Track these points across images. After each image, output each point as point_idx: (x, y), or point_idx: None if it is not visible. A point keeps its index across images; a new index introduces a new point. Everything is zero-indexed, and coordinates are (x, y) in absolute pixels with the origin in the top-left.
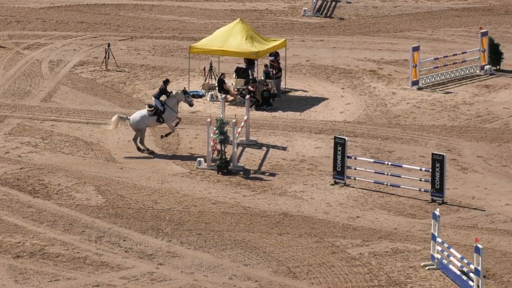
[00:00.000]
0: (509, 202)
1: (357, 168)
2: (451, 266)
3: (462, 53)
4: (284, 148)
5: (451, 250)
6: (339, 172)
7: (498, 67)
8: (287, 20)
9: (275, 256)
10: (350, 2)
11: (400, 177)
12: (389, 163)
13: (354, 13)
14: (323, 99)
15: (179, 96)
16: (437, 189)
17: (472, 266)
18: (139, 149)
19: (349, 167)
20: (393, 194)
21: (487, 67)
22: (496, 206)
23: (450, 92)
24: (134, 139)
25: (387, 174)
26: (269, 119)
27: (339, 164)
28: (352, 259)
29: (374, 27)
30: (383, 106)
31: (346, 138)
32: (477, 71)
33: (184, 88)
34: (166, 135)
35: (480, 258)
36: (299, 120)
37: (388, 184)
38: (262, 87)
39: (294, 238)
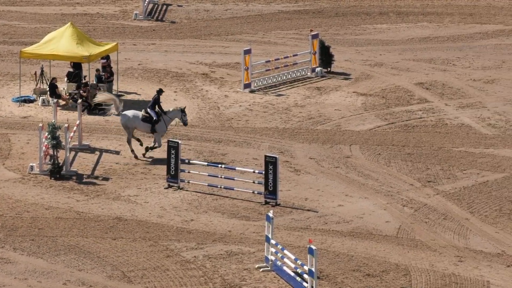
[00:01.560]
0: (342, 203)
1: (190, 171)
2: (285, 268)
3: (293, 55)
4: (117, 152)
5: (285, 251)
6: (173, 176)
7: (329, 69)
8: (119, 24)
9: (110, 260)
10: (181, 6)
11: (233, 179)
12: (223, 166)
13: (185, 16)
14: None
15: (176, 113)
16: (271, 191)
17: (306, 267)
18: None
19: (182, 171)
20: (227, 197)
21: (318, 69)
22: (329, 207)
23: (282, 95)
24: (128, 141)
25: (221, 177)
26: (101, 123)
27: (172, 168)
28: (187, 263)
29: (206, 30)
30: (216, 109)
31: (180, 142)
32: (309, 73)
33: (184, 107)
34: (151, 148)
35: (313, 259)
36: None
37: (222, 186)
38: (94, 91)
39: (129, 242)
